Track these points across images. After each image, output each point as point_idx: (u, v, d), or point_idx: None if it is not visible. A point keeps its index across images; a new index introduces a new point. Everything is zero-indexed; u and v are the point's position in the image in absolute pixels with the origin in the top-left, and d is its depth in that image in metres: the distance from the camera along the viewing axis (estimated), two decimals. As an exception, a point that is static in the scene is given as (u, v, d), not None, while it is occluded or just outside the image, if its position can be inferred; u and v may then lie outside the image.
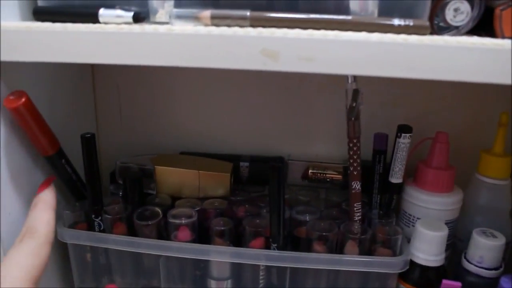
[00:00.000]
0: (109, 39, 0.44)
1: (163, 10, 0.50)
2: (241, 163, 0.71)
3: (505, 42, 0.42)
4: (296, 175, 0.72)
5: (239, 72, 0.72)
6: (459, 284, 0.53)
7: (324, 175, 0.71)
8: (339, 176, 0.70)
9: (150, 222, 0.60)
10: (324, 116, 0.72)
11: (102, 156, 0.79)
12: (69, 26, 0.46)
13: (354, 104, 0.56)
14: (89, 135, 0.57)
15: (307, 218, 0.62)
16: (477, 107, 0.72)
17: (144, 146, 0.77)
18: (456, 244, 0.67)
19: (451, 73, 0.42)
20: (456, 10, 0.48)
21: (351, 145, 0.58)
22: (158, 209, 0.61)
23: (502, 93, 0.70)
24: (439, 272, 0.59)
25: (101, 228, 0.61)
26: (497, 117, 0.64)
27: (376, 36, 0.42)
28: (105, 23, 0.47)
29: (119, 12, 0.47)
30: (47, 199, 0.49)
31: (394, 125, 0.63)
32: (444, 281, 0.53)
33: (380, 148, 0.64)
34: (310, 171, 0.71)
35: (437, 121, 0.70)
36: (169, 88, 0.76)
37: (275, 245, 0.57)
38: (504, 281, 0.53)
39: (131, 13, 0.47)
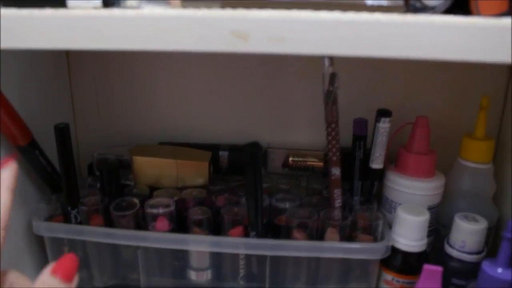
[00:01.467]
0: (76, 24, 0.43)
1: (134, -6, 0.49)
2: (220, 153, 0.70)
3: (477, 20, 0.41)
4: (277, 163, 0.71)
5: (217, 61, 0.72)
6: (440, 268, 0.52)
7: (305, 162, 0.70)
8: (320, 163, 0.69)
9: (127, 213, 0.59)
10: (304, 103, 0.71)
11: (80, 148, 0.78)
12: (35, 12, 0.44)
13: (331, 88, 0.55)
14: (62, 125, 0.56)
15: (287, 205, 0.61)
16: (458, 91, 0.72)
17: (122, 137, 0.76)
18: (440, 230, 0.66)
19: (424, 51, 0.41)
20: (431, -10, 0.47)
21: (329, 130, 0.57)
22: (135, 200, 0.60)
23: (483, 76, 0.70)
24: (421, 258, 0.59)
25: (78, 221, 0.60)
26: (478, 100, 0.63)
27: (348, 15, 0.42)
28: (73, 8, 0.46)
29: (87, -4, 0.46)
30: (7, 179, 0.43)
31: (374, 110, 0.63)
32: (426, 266, 0.52)
33: (360, 134, 0.63)
34: (290, 159, 0.70)
35: (418, 106, 0.69)
36: (146, 79, 0.75)
37: (254, 233, 0.56)
38: (485, 265, 0.52)
39: (100, -2, 0.46)
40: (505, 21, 0.41)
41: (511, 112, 0.69)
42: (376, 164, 0.63)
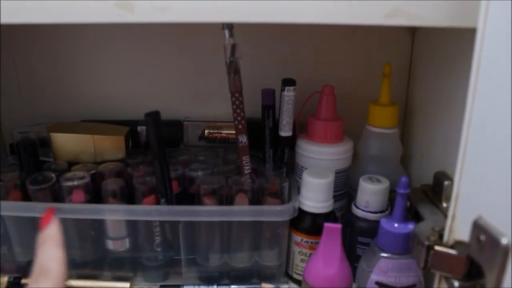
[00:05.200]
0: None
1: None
2: (139, 128, 0.71)
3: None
4: (194, 136, 0.73)
5: (134, 38, 0.73)
6: (339, 225, 0.55)
7: (220, 134, 0.72)
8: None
9: (43, 186, 0.60)
10: (218, 76, 0.73)
11: (4, 128, 0.79)
12: None
13: (232, 59, 0.57)
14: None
15: (199, 174, 0.63)
16: (365, 61, 0.75)
17: (45, 116, 0.77)
18: (352, 195, 0.69)
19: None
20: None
21: (233, 99, 0.59)
22: (51, 174, 0.62)
23: (388, 45, 0.73)
24: (329, 219, 0.62)
25: (-4, 197, 0.62)
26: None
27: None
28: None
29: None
30: (55, 235, 0.45)
31: (284, 81, 0.66)
32: (326, 224, 0.55)
33: (268, 103, 0.66)
34: (206, 131, 0.73)
35: (327, 77, 0.72)
36: (66, 58, 0.76)
37: (163, 199, 0.58)
38: (383, 221, 0.55)
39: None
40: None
41: (416, 78, 0.73)
42: (285, 132, 0.66)
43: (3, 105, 0.78)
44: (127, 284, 0.62)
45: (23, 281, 0.62)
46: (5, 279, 0.62)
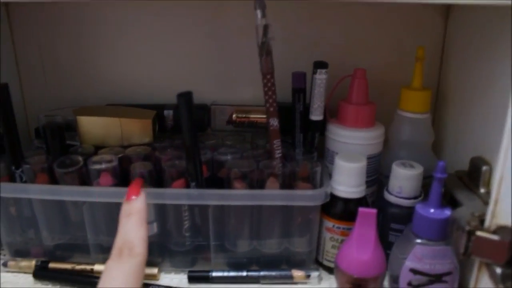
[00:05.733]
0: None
1: None
2: (166, 112, 0.70)
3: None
4: (222, 121, 0.72)
5: (159, 22, 0.72)
6: (374, 210, 0.54)
7: (248, 118, 0.71)
8: (264, 118, 0.70)
9: (70, 170, 0.59)
10: (247, 60, 0.71)
11: (28, 112, 0.79)
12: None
13: (264, 40, 0.56)
14: (2, 85, 0.57)
15: (229, 158, 0.62)
16: (397, 45, 0.74)
17: (70, 101, 0.76)
18: (382, 181, 0.68)
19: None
20: None
21: (265, 81, 0.58)
22: (79, 157, 0.61)
23: (420, 29, 0.72)
24: (361, 204, 0.60)
25: (23, 180, 0.61)
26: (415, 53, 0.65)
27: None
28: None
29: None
30: (142, 210, 0.44)
31: (314, 65, 0.64)
32: (361, 209, 0.54)
33: (299, 86, 0.64)
34: (234, 115, 0.71)
35: (358, 61, 0.70)
36: (91, 42, 0.76)
37: (194, 183, 0.57)
38: (418, 207, 0.54)
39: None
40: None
41: (449, 62, 0.71)
42: (316, 115, 0.64)
43: (28, 89, 0.78)
44: (155, 270, 0.62)
45: (51, 265, 0.62)
46: (32, 263, 0.62)
